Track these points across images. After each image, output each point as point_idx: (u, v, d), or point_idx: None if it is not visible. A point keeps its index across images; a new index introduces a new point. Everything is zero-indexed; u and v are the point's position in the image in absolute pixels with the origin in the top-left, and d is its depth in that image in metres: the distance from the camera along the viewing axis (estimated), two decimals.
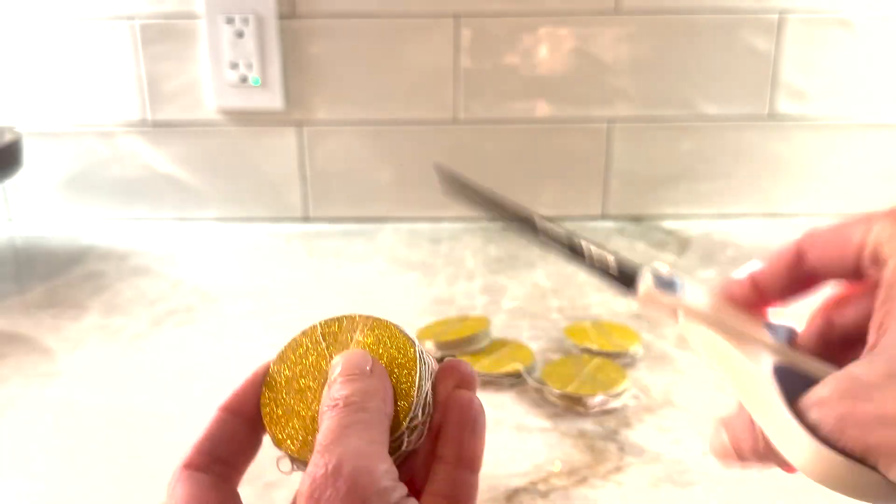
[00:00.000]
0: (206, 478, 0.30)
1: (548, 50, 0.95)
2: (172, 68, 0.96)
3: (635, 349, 0.67)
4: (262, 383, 0.32)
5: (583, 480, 0.52)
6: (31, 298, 0.82)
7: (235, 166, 1.00)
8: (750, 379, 0.32)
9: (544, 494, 0.51)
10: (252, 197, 1.01)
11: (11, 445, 0.57)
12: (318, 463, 0.26)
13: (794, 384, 0.31)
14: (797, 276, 0.34)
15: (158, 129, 0.99)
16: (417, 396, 0.30)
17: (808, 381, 0.31)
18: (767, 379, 0.31)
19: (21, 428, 0.59)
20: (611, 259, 0.38)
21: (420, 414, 0.30)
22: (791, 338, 0.36)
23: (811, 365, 0.31)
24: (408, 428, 0.30)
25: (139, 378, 0.66)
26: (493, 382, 0.63)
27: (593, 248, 0.38)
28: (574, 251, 0.38)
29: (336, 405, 0.28)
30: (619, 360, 0.65)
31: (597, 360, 0.64)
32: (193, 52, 0.96)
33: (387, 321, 0.32)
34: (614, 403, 0.60)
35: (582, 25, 0.94)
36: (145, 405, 0.62)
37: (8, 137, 0.86)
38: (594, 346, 0.66)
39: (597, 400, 0.59)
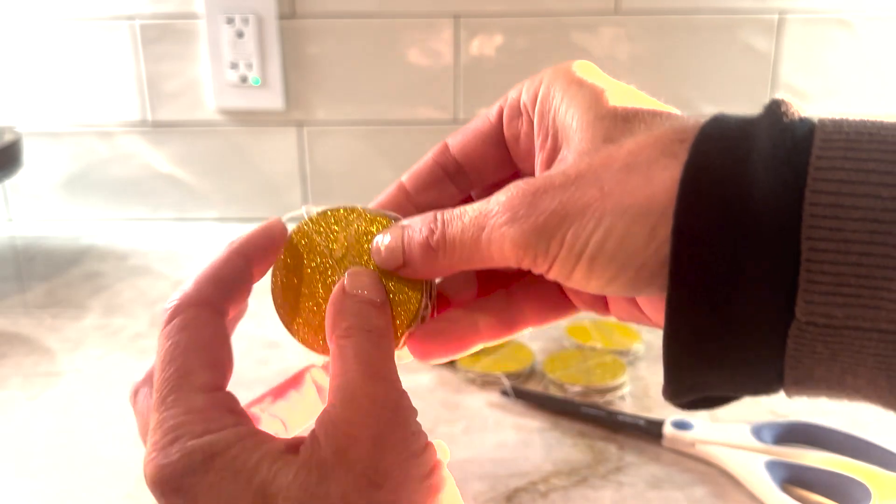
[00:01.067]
0: (215, 317, 0.29)
1: (547, 50, 0.95)
2: (172, 68, 0.96)
3: (637, 347, 0.67)
4: (272, 237, 0.32)
5: (582, 480, 0.52)
6: (31, 298, 0.82)
7: (235, 166, 1.00)
8: (748, 468, 0.50)
9: (544, 494, 0.51)
10: (252, 197, 1.01)
11: (12, 445, 0.57)
12: (336, 403, 0.26)
13: (778, 472, 0.50)
14: (443, 173, 0.33)
15: (158, 128, 0.99)
16: (425, 298, 0.31)
17: (791, 468, 0.50)
18: (760, 468, 0.50)
19: (21, 428, 0.59)
20: (641, 421, 0.56)
21: (428, 303, 0.31)
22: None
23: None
24: (420, 317, 0.31)
25: (139, 378, 0.66)
26: (493, 382, 0.63)
27: (629, 416, 0.56)
28: (614, 417, 0.57)
29: (348, 335, 0.28)
30: (621, 357, 0.65)
31: (600, 356, 0.65)
32: (193, 52, 0.96)
33: (392, 216, 0.32)
34: (608, 397, 0.60)
35: (582, 25, 0.94)
36: None
37: (8, 137, 0.86)
38: (598, 345, 0.67)
39: (576, 388, 0.60)
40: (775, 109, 0.24)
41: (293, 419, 0.33)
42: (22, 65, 0.97)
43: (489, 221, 0.27)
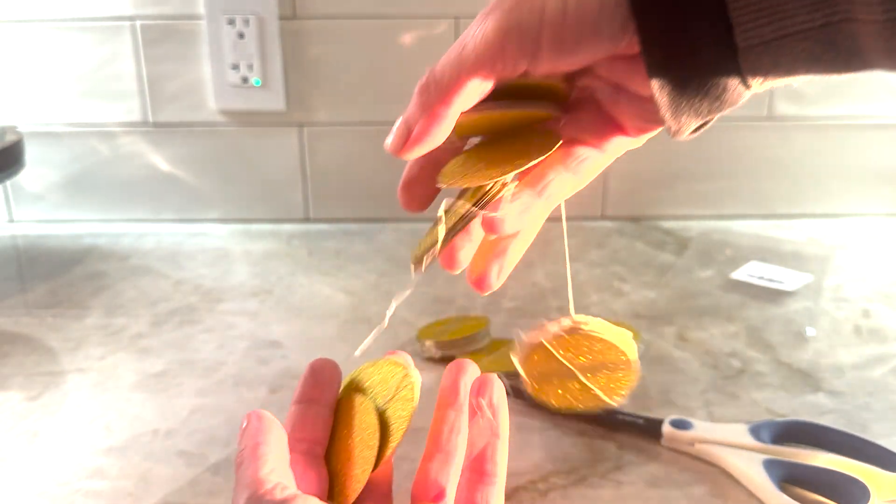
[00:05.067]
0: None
1: None
2: (174, 69, 0.97)
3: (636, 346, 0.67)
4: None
5: (582, 479, 0.52)
6: (32, 298, 0.82)
7: (236, 167, 1.01)
8: (746, 467, 0.51)
9: (543, 493, 0.51)
10: (253, 197, 1.02)
11: (12, 445, 0.57)
12: None
13: (776, 471, 0.50)
14: None
15: (160, 129, 0.99)
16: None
17: (789, 467, 0.50)
18: (758, 467, 0.50)
19: (22, 427, 0.59)
20: (640, 420, 0.56)
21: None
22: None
23: None
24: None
25: (141, 377, 0.66)
26: None
27: (628, 415, 0.57)
28: (613, 416, 0.57)
29: None
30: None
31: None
32: (195, 53, 0.96)
33: None
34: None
35: None
36: (147, 404, 0.62)
37: (10, 138, 0.86)
38: None
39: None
40: None
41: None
42: (24, 65, 0.97)
43: (465, 36, 0.36)
